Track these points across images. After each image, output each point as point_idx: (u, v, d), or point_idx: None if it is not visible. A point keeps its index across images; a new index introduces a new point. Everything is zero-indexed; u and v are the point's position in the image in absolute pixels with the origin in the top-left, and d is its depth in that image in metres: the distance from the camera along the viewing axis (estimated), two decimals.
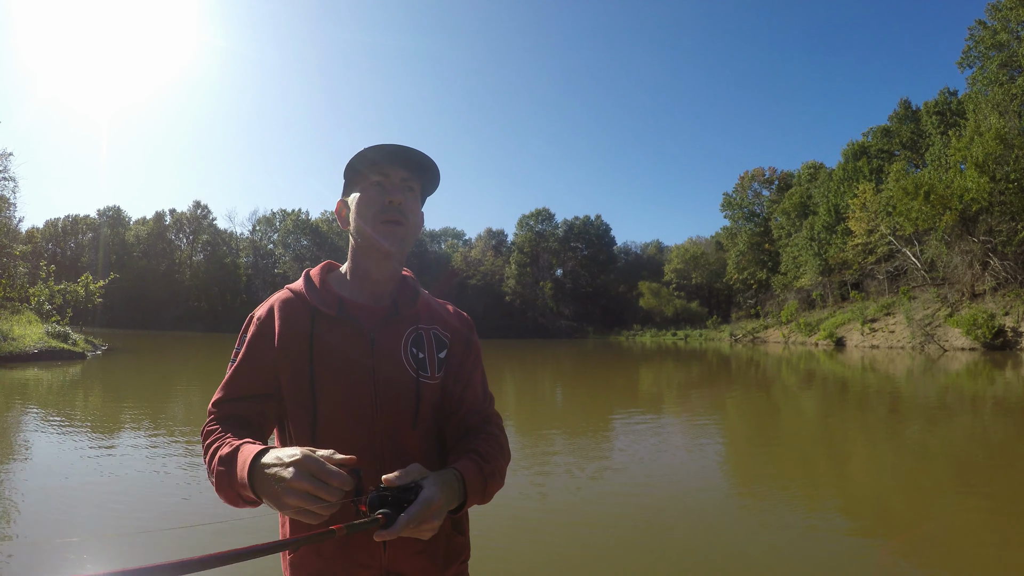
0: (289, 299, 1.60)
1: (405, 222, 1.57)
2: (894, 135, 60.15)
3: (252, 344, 1.56)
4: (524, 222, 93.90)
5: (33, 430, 9.79)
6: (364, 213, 1.57)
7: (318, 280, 1.63)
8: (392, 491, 1.23)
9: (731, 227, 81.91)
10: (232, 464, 1.31)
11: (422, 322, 1.65)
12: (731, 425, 12.30)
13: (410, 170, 1.59)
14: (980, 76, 46.87)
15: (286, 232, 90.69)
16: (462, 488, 1.39)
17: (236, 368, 1.55)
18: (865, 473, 8.26)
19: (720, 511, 6.29)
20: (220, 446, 1.38)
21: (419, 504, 1.21)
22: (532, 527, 5.63)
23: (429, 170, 1.62)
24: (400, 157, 1.56)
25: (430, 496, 1.24)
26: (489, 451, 1.52)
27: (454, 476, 1.38)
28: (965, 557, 5.02)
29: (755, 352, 42.81)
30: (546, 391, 18.68)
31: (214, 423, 1.50)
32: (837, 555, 5.04)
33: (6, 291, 27.42)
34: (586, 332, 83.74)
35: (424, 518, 1.21)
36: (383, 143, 1.56)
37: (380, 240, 1.55)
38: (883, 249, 52.52)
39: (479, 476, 1.44)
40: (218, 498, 1.37)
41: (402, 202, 1.56)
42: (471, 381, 1.67)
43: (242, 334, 1.61)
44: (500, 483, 1.53)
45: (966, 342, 37.01)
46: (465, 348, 1.71)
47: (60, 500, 5.99)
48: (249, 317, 1.63)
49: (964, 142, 41.23)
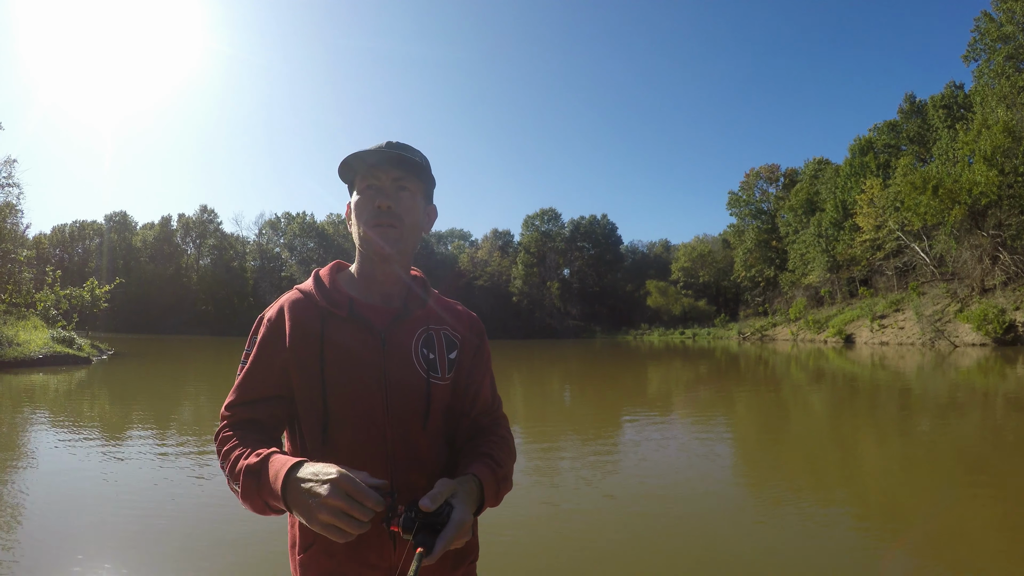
0: (299, 300, 1.59)
1: (399, 224, 1.56)
2: (900, 130, 59.78)
3: (263, 346, 1.56)
4: (530, 222, 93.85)
5: (38, 435, 9.78)
6: (359, 217, 1.57)
7: (328, 280, 1.63)
8: (424, 517, 1.27)
9: (738, 225, 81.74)
10: (261, 475, 1.33)
11: (432, 323, 1.65)
12: (740, 423, 12.23)
13: (403, 169, 1.57)
14: (986, 69, 46.49)
15: (292, 235, 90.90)
16: (480, 494, 1.44)
17: (247, 371, 1.55)
18: (876, 470, 8.19)
19: (730, 508, 6.24)
20: (243, 454, 1.39)
21: (452, 528, 1.27)
22: (540, 527, 5.60)
23: (417, 165, 1.59)
24: (386, 158, 1.55)
25: (462, 518, 1.29)
26: (501, 455, 1.56)
27: (474, 483, 1.43)
28: (976, 552, 4.97)
29: (763, 350, 42.64)
30: (555, 391, 18.62)
31: (229, 429, 1.50)
32: (848, 551, 5.00)
33: (12, 297, 27.50)
34: (594, 332, 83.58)
35: (457, 540, 1.29)
36: (370, 145, 1.58)
37: (374, 243, 1.55)
38: (891, 245, 52.31)
39: (494, 481, 1.48)
40: (231, 500, 1.42)
41: (391, 205, 1.55)
42: (482, 382, 1.69)
43: (252, 335, 1.60)
44: (510, 486, 1.57)
45: (977, 338, 36.79)
46: (476, 349, 1.71)
47: (67, 506, 5.97)
48: (259, 318, 1.62)
49: (972, 135, 41.02)
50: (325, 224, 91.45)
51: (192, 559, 4.66)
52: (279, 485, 1.28)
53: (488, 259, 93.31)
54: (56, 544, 4.87)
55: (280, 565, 4.30)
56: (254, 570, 4.50)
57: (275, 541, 4.83)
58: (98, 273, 53.32)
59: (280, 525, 1.73)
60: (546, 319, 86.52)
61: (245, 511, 1.39)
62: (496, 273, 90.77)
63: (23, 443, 9.28)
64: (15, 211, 30.35)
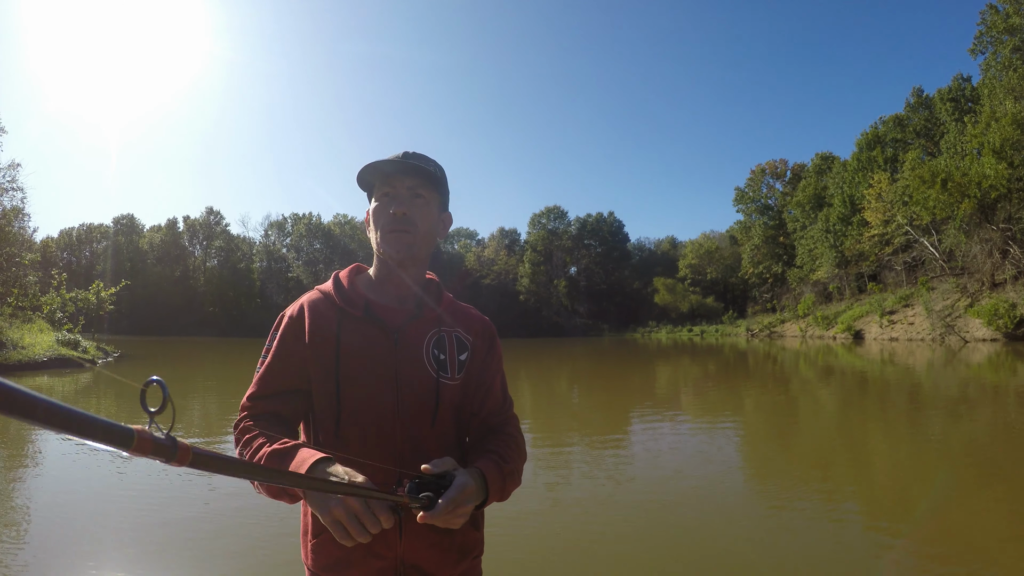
0: (318, 299, 1.68)
1: (413, 230, 1.63)
2: (907, 124, 59.42)
3: (283, 341, 1.64)
4: (536, 220, 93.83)
5: (44, 437, 9.72)
6: (376, 223, 1.66)
7: (346, 281, 1.72)
8: (428, 479, 1.35)
9: (745, 221, 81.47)
10: (286, 460, 1.39)
11: (445, 324, 1.72)
12: (749, 420, 12.16)
13: (418, 178, 1.64)
14: (993, 62, 46.09)
15: (299, 236, 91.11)
16: (484, 486, 1.47)
17: (268, 364, 1.63)
18: (885, 467, 8.14)
19: (739, 506, 6.18)
20: (267, 442, 1.46)
21: (455, 489, 1.33)
22: (546, 523, 5.56)
23: (432, 175, 1.66)
24: (401, 167, 1.62)
25: (464, 482, 1.36)
26: (508, 451, 1.61)
27: (477, 474, 1.47)
28: (986, 549, 4.91)
29: (772, 347, 42.50)
30: (563, 390, 18.59)
31: (250, 419, 1.57)
32: (857, 547, 4.96)
33: (18, 300, 27.54)
34: (601, 330, 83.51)
35: (460, 502, 1.33)
36: (387, 155, 1.66)
37: (388, 248, 1.63)
38: (900, 239, 52.02)
39: (499, 475, 1.52)
40: (256, 492, 1.48)
41: (406, 212, 1.62)
42: (492, 384, 1.75)
43: (273, 331, 1.68)
44: (518, 482, 1.62)
45: (987, 333, 36.49)
46: (487, 352, 1.78)
47: (76, 508, 5.95)
48: (280, 315, 1.70)
49: (980, 128, 40.76)
50: (332, 225, 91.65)
51: (204, 560, 4.64)
52: (304, 471, 1.33)
53: (495, 258, 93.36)
54: (66, 546, 4.85)
55: (291, 553, 4.22)
56: (270, 553, 4.47)
57: (289, 542, 4.81)
58: (103, 276, 53.30)
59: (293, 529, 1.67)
60: (553, 317, 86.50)
61: (258, 512, 1.43)
62: (503, 272, 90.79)
63: (29, 445, 9.25)
64: (21, 215, 30.36)
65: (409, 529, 1.50)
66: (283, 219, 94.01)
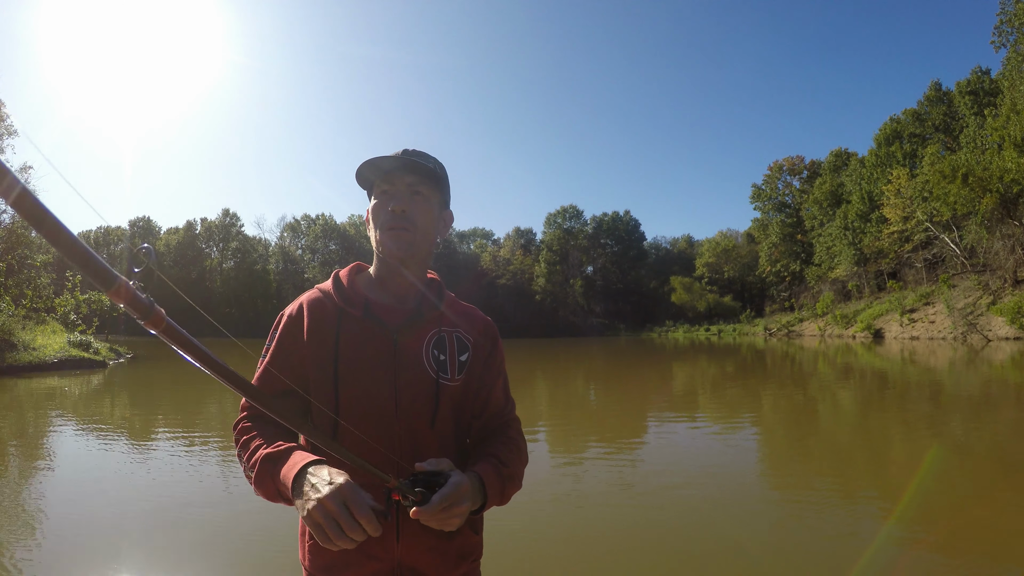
0: (318, 299, 1.66)
1: (412, 228, 1.60)
2: (926, 118, 58.65)
3: (282, 340, 1.63)
4: (552, 220, 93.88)
5: (55, 437, 9.81)
6: (375, 221, 1.63)
7: (346, 280, 1.69)
8: (422, 476, 1.33)
9: (762, 219, 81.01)
10: (279, 463, 1.39)
11: (445, 325, 1.69)
12: (767, 421, 12.01)
13: (417, 175, 1.62)
14: (1013, 54, 45.32)
15: (314, 237, 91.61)
16: (482, 489, 1.47)
17: (268, 364, 1.62)
18: (904, 466, 7.97)
19: (756, 506, 6.08)
20: (263, 444, 1.46)
21: (450, 486, 1.32)
22: (547, 525, 5.47)
23: (431, 171, 1.63)
24: (400, 164, 1.60)
25: (459, 481, 1.34)
26: (507, 455, 1.60)
27: (474, 477, 1.46)
28: (1006, 550, 4.82)
29: (790, 346, 42.13)
30: (579, 389, 18.50)
31: (248, 420, 1.58)
32: (878, 544, 4.87)
33: (32, 302, 27.78)
34: (618, 329, 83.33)
35: (454, 500, 1.31)
36: (388, 153, 1.63)
37: (387, 247, 1.60)
38: (920, 236, 51.44)
39: (498, 479, 1.52)
40: (255, 495, 1.46)
41: (405, 210, 1.59)
42: (493, 385, 1.73)
43: (273, 330, 1.67)
44: (518, 486, 1.62)
45: (1011, 331, 35.92)
46: (489, 353, 1.75)
47: (89, 508, 5.95)
48: (280, 315, 1.69)
49: (1001, 121, 40.12)
50: (346, 225, 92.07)
51: (207, 560, 4.63)
52: (292, 473, 1.33)
53: (511, 258, 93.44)
54: (81, 546, 4.86)
55: (289, 555, 4.14)
56: (271, 555, 4.45)
57: (289, 538, 4.69)
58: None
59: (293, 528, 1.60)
60: (569, 317, 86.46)
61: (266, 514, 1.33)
62: (519, 271, 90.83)
63: (42, 445, 9.29)
64: None
65: (407, 531, 1.49)
66: (297, 221, 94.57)
